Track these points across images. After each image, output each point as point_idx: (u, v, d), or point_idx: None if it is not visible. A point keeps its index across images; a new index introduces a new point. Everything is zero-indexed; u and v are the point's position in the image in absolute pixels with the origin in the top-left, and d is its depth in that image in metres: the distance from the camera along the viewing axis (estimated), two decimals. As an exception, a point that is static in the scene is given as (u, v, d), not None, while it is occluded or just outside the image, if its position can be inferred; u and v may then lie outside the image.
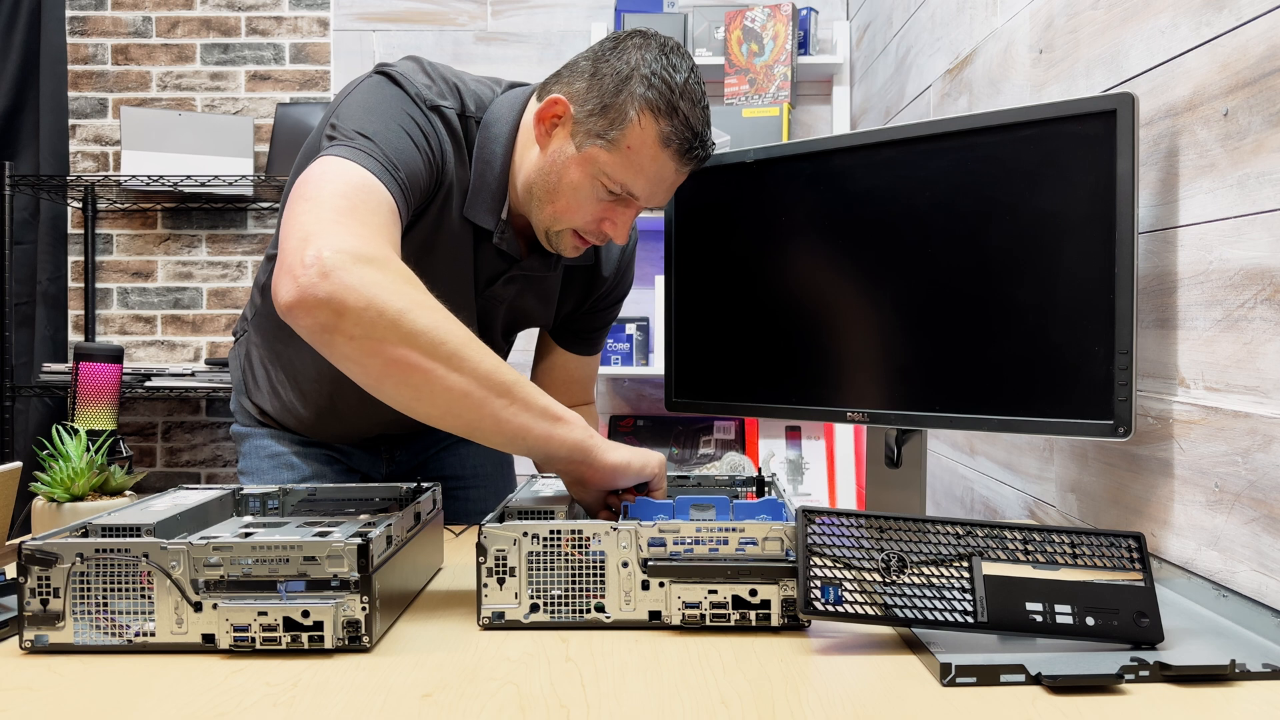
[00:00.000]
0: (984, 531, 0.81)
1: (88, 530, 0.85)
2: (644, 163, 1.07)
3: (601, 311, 1.39)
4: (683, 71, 1.07)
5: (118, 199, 2.87)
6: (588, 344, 1.42)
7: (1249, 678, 0.72)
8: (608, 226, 1.13)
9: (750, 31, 2.64)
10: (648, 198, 1.11)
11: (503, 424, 0.91)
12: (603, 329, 1.42)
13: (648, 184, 1.10)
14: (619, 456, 0.98)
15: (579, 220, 1.12)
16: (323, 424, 1.35)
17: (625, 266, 1.37)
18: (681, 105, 1.06)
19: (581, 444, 0.95)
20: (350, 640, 0.78)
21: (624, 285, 1.40)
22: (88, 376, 1.35)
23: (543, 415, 0.94)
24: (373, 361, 0.88)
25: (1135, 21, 1.10)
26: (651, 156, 1.07)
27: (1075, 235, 0.98)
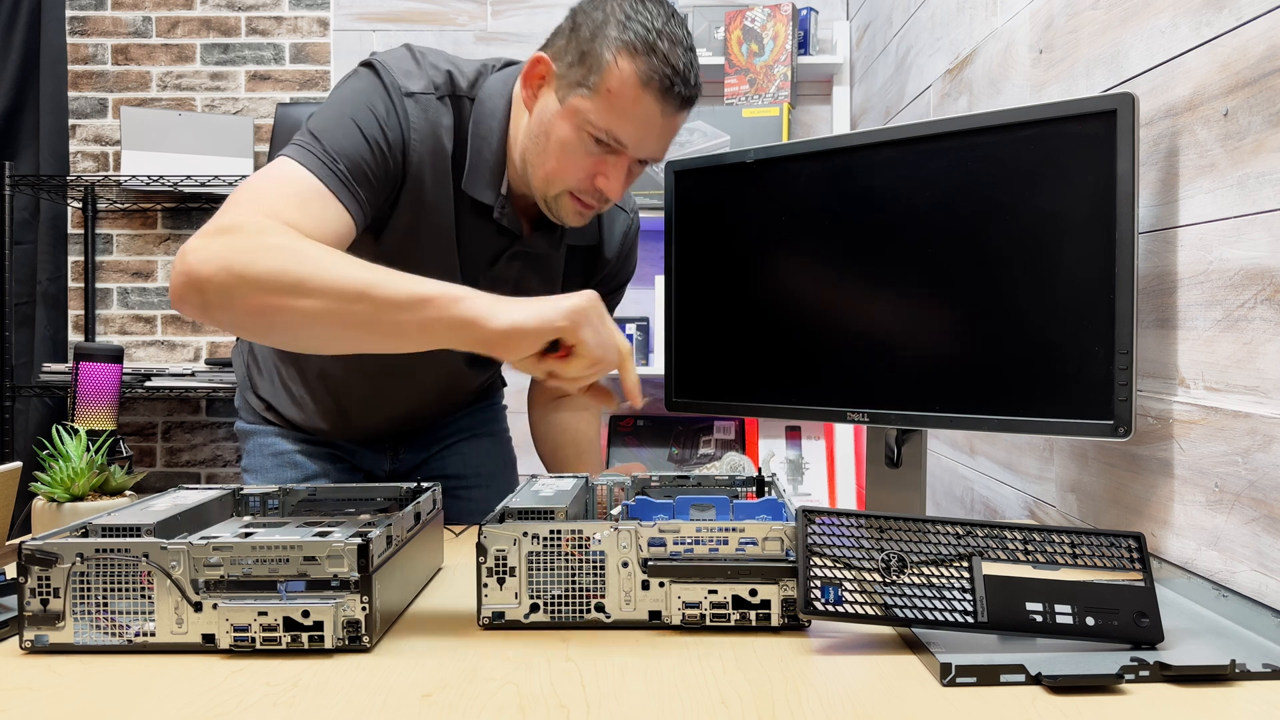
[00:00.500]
0: (984, 531, 0.81)
1: (88, 530, 0.85)
2: (626, 105, 1.05)
3: (605, 297, 1.38)
4: (660, 16, 1.05)
5: (118, 199, 2.88)
6: None
7: (1249, 678, 0.72)
8: (601, 181, 1.10)
9: (750, 31, 2.64)
10: (636, 145, 1.08)
11: (371, 327, 0.86)
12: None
13: (633, 128, 1.07)
14: (506, 320, 0.84)
15: (572, 178, 1.10)
16: (329, 420, 1.36)
17: (628, 249, 1.37)
18: (660, 44, 1.03)
19: (460, 318, 0.84)
20: (350, 640, 0.78)
21: (627, 269, 1.39)
22: (88, 376, 1.35)
23: (410, 305, 0.85)
24: (243, 319, 0.89)
25: (1135, 21, 1.10)
26: (633, 98, 1.04)
27: (1075, 235, 0.98)
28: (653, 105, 1.06)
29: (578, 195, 1.12)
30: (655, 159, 1.12)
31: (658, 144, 1.10)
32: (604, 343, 0.86)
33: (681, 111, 1.08)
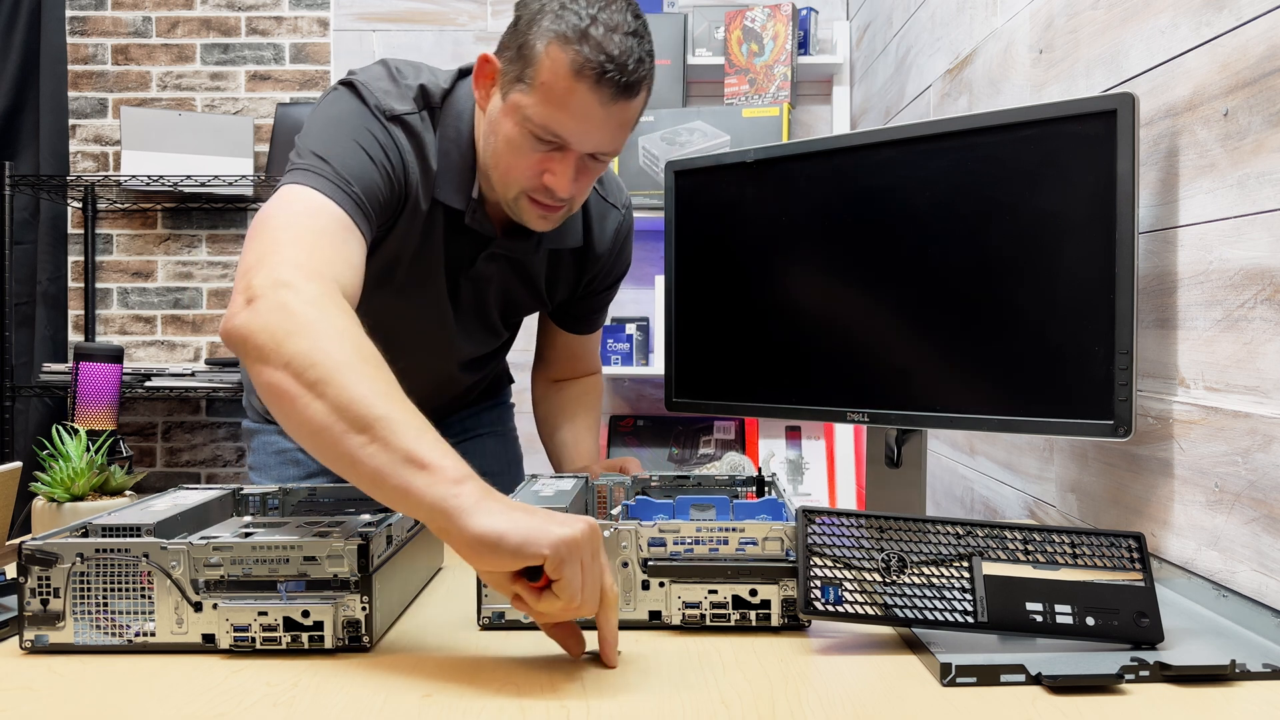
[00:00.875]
0: (984, 531, 0.81)
1: (88, 530, 0.85)
2: (560, 97, 0.99)
3: (600, 294, 1.38)
4: (599, 1, 1.00)
5: (118, 199, 2.88)
6: (588, 324, 1.42)
7: (1249, 678, 0.72)
8: (549, 179, 1.05)
9: (750, 31, 2.64)
10: (579, 139, 1.03)
11: (358, 464, 0.76)
12: (603, 309, 1.42)
13: (571, 121, 1.01)
14: (487, 526, 0.71)
15: (522, 178, 1.06)
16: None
17: (621, 244, 1.33)
18: (593, 31, 0.98)
19: (440, 503, 0.72)
20: (350, 640, 0.78)
21: (621, 264, 1.36)
22: (88, 376, 1.35)
23: (405, 461, 0.74)
24: (260, 386, 0.83)
25: (1135, 21, 1.10)
26: (566, 89, 0.99)
27: (1075, 235, 0.98)
28: (588, 95, 0.99)
29: (533, 196, 1.08)
30: (606, 152, 1.06)
31: (602, 136, 1.03)
32: (588, 585, 0.73)
33: (622, 100, 1.01)
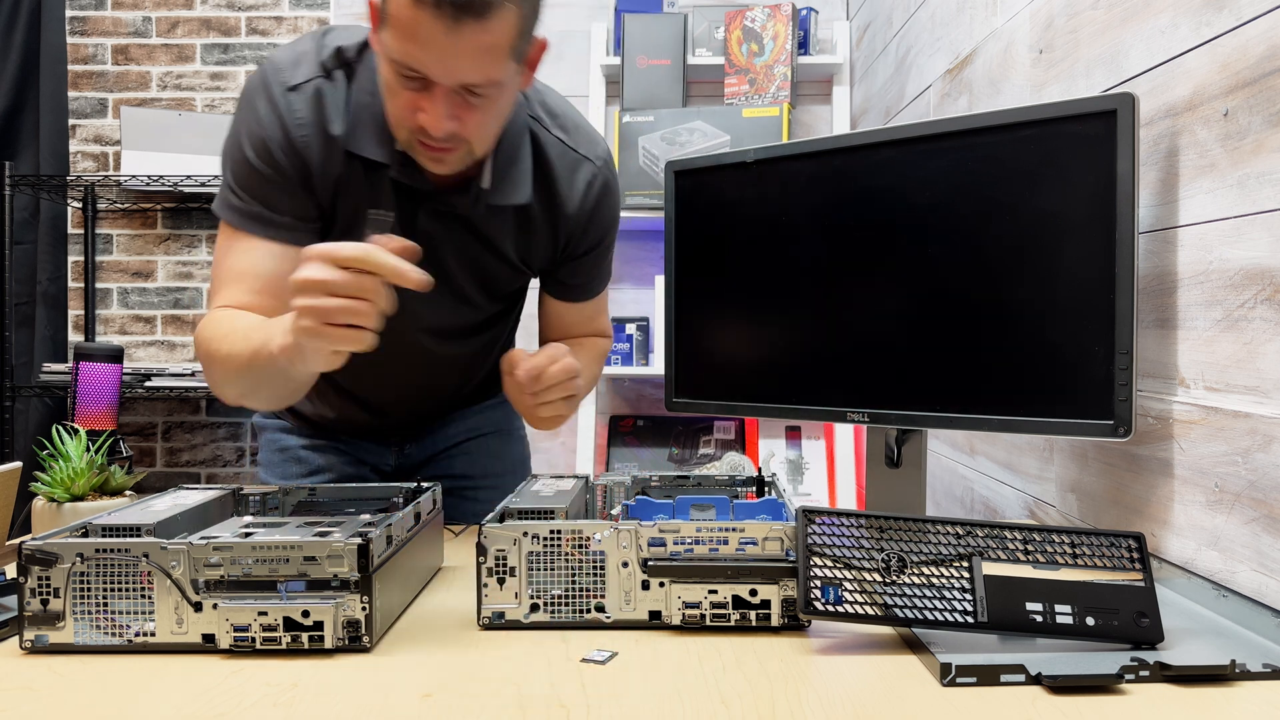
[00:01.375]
0: (984, 531, 0.81)
1: (88, 530, 0.85)
2: (407, 28, 0.96)
3: (583, 257, 1.28)
4: None
5: (118, 199, 2.88)
6: (578, 291, 1.33)
7: (1249, 678, 0.72)
8: (423, 118, 1.01)
9: (750, 31, 2.64)
10: (436, 71, 0.98)
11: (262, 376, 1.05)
12: (595, 276, 1.33)
13: (421, 51, 0.97)
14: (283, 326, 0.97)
15: (404, 119, 1.03)
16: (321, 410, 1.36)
17: (594, 204, 1.24)
18: None
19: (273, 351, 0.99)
20: (350, 640, 0.78)
21: (601, 223, 1.26)
22: (88, 376, 1.35)
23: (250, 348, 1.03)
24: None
25: (1135, 21, 1.10)
26: (410, 18, 0.95)
27: (1075, 235, 0.98)
28: (430, 22, 0.95)
29: (420, 138, 1.04)
30: (474, 83, 1.00)
31: (456, 64, 0.98)
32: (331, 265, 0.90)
33: (469, 21, 0.95)
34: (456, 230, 1.18)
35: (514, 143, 1.16)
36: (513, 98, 1.08)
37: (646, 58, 2.66)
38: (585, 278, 1.32)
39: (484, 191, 1.15)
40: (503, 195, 1.17)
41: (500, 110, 1.06)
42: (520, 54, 1.02)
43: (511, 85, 1.05)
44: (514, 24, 0.98)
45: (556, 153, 1.20)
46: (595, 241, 1.28)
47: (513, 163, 1.16)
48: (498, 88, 1.02)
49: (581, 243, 1.26)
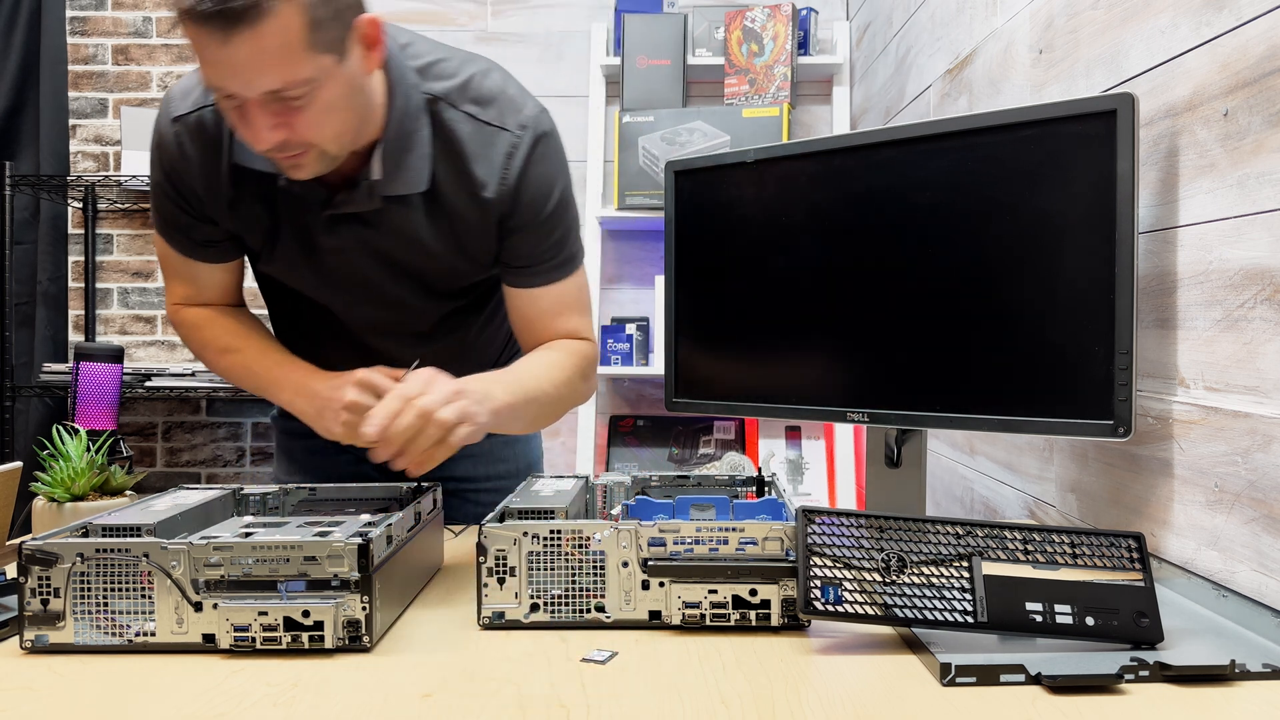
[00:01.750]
0: (984, 531, 0.81)
1: (88, 530, 0.85)
2: (195, 49, 0.94)
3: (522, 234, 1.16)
4: None
5: (118, 199, 2.87)
6: (525, 276, 1.20)
7: (1249, 678, 0.72)
8: (247, 133, 1.00)
9: (750, 31, 2.64)
10: (236, 85, 0.95)
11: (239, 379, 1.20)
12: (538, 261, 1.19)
13: (213, 71, 0.95)
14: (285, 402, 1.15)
15: (242, 137, 1.01)
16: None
17: (518, 178, 1.13)
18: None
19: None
20: (350, 640, 0.78)
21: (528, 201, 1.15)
22: (88, 376, 1.35)
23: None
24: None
25: (1135, 21, 1.10)
26: (193, 39, 0.93)
27: (1075, 235, 0.98)
28: (206, 38, 0.92)
29: (262, 151, 1.02)
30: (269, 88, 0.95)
31: (245, 75, 0.94)
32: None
33: (238, 30, 0.91)
34: (365, 233, 1.14)
35: (407, 127, 1.09)
36: (348, 88, 1.01)
37: (646, 58, 2.66)
38: (528, 259, 1.18)
39: (376, 183, 1.09)
40: (396, 185, 1.10)
41: (333, 104, 0.99)
42: (327, 43, 0.96)
43: (337, 76, 0.98)
44: (296, 18, 0.93)
45: (467, 130, 1.12)
46: (530, 217, 1.16)
47: (406, 149, 1.09)
48: (311, 84, 0.96)
49: (513, 219, 1.15)
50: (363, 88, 1.04)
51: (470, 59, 1.16)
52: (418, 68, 1.11)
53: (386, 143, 1.08)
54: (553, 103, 2.84)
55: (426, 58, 1.13)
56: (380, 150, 1.09)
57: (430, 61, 1.13)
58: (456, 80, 1.13)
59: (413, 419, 0.93)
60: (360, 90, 1.03)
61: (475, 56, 1.17)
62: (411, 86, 1.10)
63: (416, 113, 1.10)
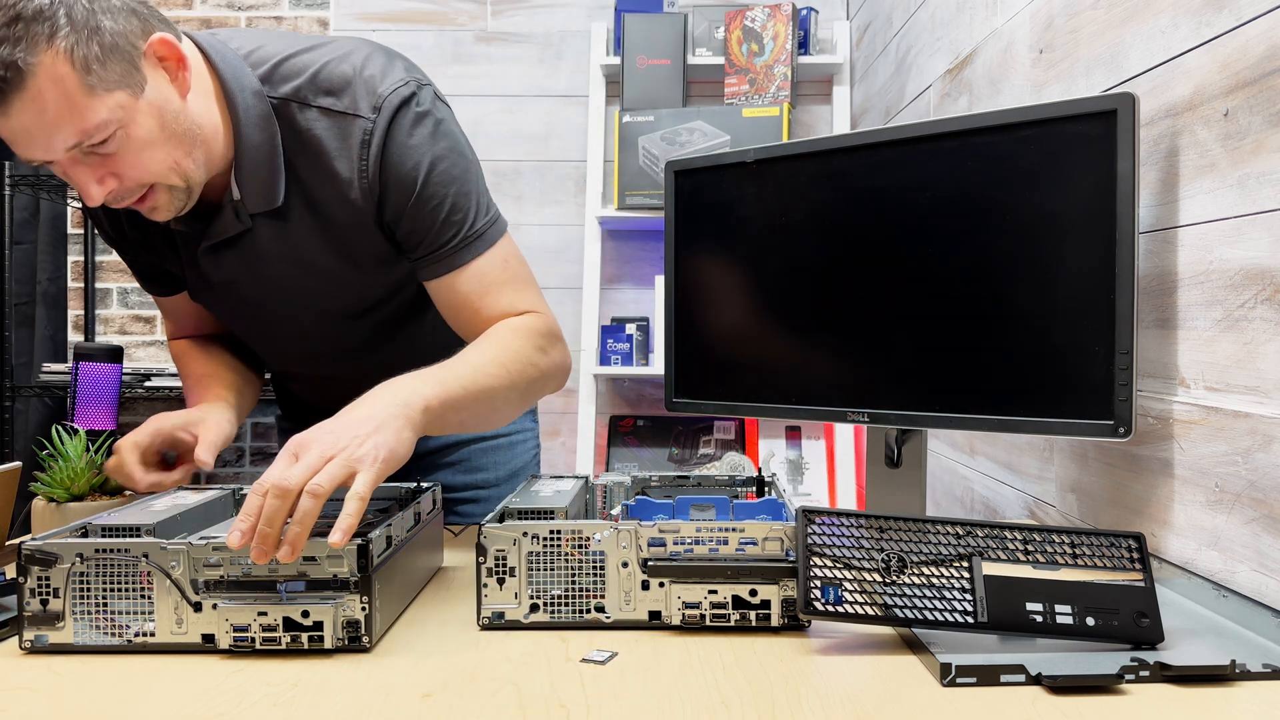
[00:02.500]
0: (984, 531, 0.81)
1: (88, 530, 0.85)
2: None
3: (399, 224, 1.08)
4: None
5: (118, 199, 2.87)
6: (432, 265, 1.10)
7: (1249, 678, 0.72)
8: (79, 191, 0.97)
9: (750, 31, 2.64)
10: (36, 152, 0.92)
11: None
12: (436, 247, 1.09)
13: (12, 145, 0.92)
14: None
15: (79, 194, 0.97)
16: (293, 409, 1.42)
17: (378, 161, 1.04)
18: None
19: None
20: (350, 640, 0.78)
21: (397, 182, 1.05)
22: (88, 376, 1.35)
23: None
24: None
25: (1135, 21, 1.10)
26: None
27: (1075, 235, 0.98)
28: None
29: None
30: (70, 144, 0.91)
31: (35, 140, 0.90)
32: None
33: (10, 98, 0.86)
34: (248, 258, 1.10)
35: (255, 139, 1.03)
36: (160, 117, 0.95)
37: (646, 58, 2.66)
38: (422, 246, 1.09)
39: (238, 204, 1.06)
40: (257, 201, 1.06)
41: (150, 138, 0.94)
42: (112, 80, 0.90)
43: (140, 109, 0.93)
44: (63, 67, 0.87)
45: (324, 126, 1.04)
46: (402, 201, 1.06)
47: (260, 161, 1.04)
48: (112, 126, 0.91)
49: (387, 209, 1.07)
50: (180, 113, 0.97)
51: (329, 46, 1.07)
52: (262, 74, 1.04)
53: (238, 160, 1.04)
54: (553, 103, 2.86)
55: (271, 60, 1.05)
56: (235, 169, 1.04)
57: (276, 63, 1.05)
58: (305, 75, 1.04)
59: (273, 503, 0.78)
60: (178, 116, 0.97)
61: (338, 41, 1.08)
62: (253, 95, 1.03)
63: (262, 122, 1.03)
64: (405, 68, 1.07)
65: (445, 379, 0.96)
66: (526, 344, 1.07)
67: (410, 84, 1.05)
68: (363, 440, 0.84)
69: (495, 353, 1.04)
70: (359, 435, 0.84)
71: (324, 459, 0.82)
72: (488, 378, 1.01)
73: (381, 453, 0.84)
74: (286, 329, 1.21)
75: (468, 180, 1.09)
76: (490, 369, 1.01)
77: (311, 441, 0.83)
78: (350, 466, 0.82)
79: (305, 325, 1.19)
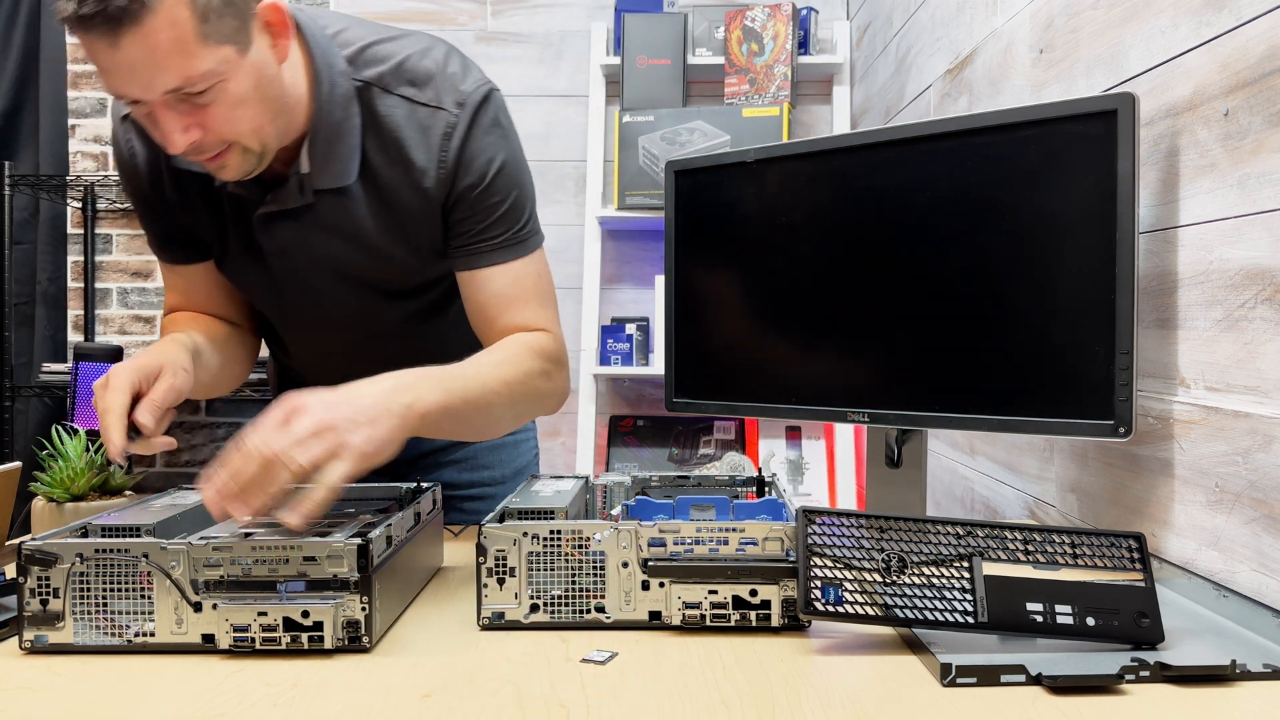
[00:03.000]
0: (984, 531, 0.81)
1: (87, 530, 0.85)
2: (90, 57, 0.92)
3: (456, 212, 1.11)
4: None
5: (117, 199, 2.87)
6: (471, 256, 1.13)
7: (1249, 678, 0.72)
8: (158, 137, 0.98)
9: (750, 31, 2.64)
10: (135, 89, 0.93)
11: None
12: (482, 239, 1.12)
13: (108, 77, 0.92)
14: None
15: (158, 141, 0.99)
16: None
17: (456, 156, 1.08)
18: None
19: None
20: (350, 640, 0.78)
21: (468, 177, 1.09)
22: (88, 376, 1.35)
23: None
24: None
25: (1135, 21, 1.10)
26: (85, 46, 0.91)
27: (1075, 235, 0.98)
28: (95, 44, 0.90)
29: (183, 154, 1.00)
30: (169, 88, 0.92)
31: (140, 77, 0.91)
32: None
33: (124, 32, 0.88)
34: (303, 231, 1.11)
35: (334, 117, 1.05)
36: (257, 79, 0.97)
37: (646, 57, 2.66)
38: (471, 236, 1.12)
39: (305, 177, 1.07)
40: (325, 178, 1.07)
41: (243, 98, 0.96)
42: (224, 34, 0.92)
43: (242, 68, 0.95)
44: (183, 11, 0.89)
45: (403, 114, 1.08)
46: (467, 192, 1.10)
47: (336, 139, 1.06)
48: (213, 78, 0.93)
49: (452, 198, 1.11)
50: (275, 79, 0.99)
51: (409, 39, 1.11)
52: (349, 55, 1.07)
53: (313, 134, 1.05)
54: (553, 103, 2.86)
55: (358, 44, 1.08)
56: (308, 143, 1.06)
57: (362, 47, 1.08)
58: (390, 64, 1.08)
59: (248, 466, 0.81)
60: (272, 81, 0.99)
61: (416, 35, 1.12)
62: (339, 74, 1.05)
63: (344, 102, 1.06)
64: (479, 70, 1.13)
65: (450, 388, 0.97)
66: (533, 366, 1.10)
67: (488, 86, 1.11)
68: (356, 428, 0.85)
69: (502, 370, 1.06)
70: (354, 420, 0.86)
71: (311, 433, 0.83)
72: (490, 394, 1.03)
73: (369, 448, 0.86)
74: (320, 306, 1.20)
75: (526, 187, 1.15)
76: (494, 385, 1.03)
77: (306, 409, 0.84)
78: (334, 451, 0.84)
79: (341, 302, 1.19)
